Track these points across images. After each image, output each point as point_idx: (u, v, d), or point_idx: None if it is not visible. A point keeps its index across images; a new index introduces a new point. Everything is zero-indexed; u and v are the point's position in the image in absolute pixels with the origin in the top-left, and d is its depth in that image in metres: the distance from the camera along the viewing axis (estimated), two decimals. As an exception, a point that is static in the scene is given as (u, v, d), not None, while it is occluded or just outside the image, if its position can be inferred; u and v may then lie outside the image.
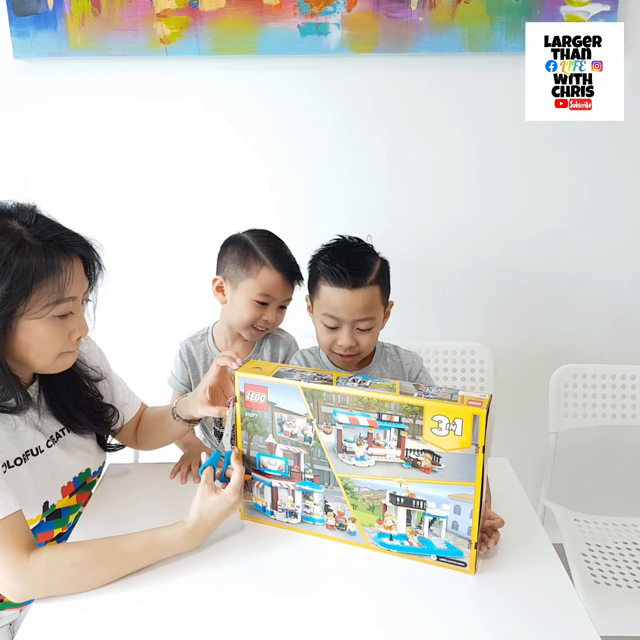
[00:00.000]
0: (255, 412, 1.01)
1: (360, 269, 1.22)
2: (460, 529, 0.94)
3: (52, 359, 0.99)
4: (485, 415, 0.86)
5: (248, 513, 1.08)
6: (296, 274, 1.36)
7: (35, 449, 1.04)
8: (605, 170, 1.79)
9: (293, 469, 1.02)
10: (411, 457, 0.93)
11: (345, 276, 1.21)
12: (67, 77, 1.73)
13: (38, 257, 0.91)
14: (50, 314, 0.94)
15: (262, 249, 1.34)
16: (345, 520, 1.01)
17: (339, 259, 1.23)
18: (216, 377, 1.10)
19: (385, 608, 0.89)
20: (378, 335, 1.32)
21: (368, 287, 1.22)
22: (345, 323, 1.23)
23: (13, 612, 1.13)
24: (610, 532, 1.58)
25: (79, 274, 0.98)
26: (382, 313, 1.29)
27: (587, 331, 1.92)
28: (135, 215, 1.84)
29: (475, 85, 1.73)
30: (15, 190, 1.77)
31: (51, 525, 1.09)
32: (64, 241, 0.95)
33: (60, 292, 0.94)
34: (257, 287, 1.32)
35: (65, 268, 0.94)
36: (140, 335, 1.90)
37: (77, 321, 0.99)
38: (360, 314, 1.22)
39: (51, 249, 0.93)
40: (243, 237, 1.37)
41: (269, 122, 1.77)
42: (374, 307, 1.24)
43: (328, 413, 0.96)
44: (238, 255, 1.35)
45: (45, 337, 0.95)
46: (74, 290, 0.96)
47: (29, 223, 0.94)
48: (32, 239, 0.92)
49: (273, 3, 1.64)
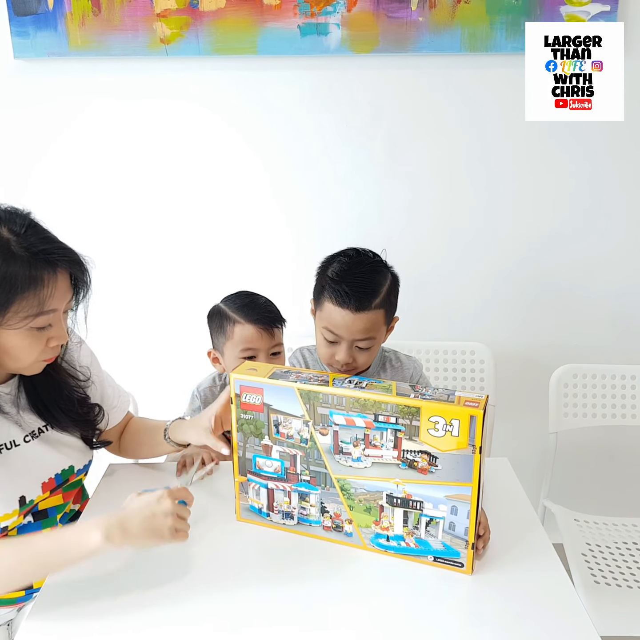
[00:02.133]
0: (251, 414, 1.01)
1: (366, 291, 1.20)
2: (457, 530, 0.94)
3: (27, 365, 0.99)
4: (482, 416, 0.86)
5: (244, 515, 1.08)
6: (271, 319, 1.34)
7: (10, 443, 1.04)
8: (605, 171, 1.79)
9: (289, 470, 1.02)
10: (408, 458, 0.93)
11: (350, 299, 1.18)
12: (67, 77, 1.73)
13: (22, 269, 0.89)
14: (28, 326, 0.93)
15: (231, 308, 1.36)
16: (342, 521, 1.01)
17: (346, 279, 1.20)
18: (223, 406, 1.10)
19: (382, 609, 0.89)
20: (377, 352, 1.30)
21: (372, 311, 1.20)
22: (344, 340, 1.22)
23: (9, 610, 1.12)
24: (610, 532, 1.58)
25: (63, 287, 0.95)
26: (384, 332, 1.27)
27: (587, 331, 1.92)
28: (135, 214, 1.84)
29: (475, 85, 1.73)
30: (13, 191, 1.78)
31: (39, 525, 1.09)
32: (51, 255, 0.92)
33: (41, 306, 0.92)
34: (237, 345, 1.33)
35: (48, 283, 0.92)
36: (140, 339, 1.91)
37: (56, 330, 0.98)
38: (360, 334, 1.21)
39: (36, 262, 0.91)
40: (217, 306, 1.40)
41: (269, 122, 1.77)
42: (375, 329, 1.22)
43: (324, 414, 0.96)
44: (216, 325, 1.38)
45: (22, 346, 0.95)
46: (55, 303, 0.94)
47: (18, 232, 0.91)
48: (19, 250, 0.90)
49: (273, 3, 1.64)
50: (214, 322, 1.39)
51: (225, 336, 1.35)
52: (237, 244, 1.86)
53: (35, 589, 1.12)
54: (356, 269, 1.23)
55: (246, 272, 1.87)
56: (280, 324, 1.37)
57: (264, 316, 1.33)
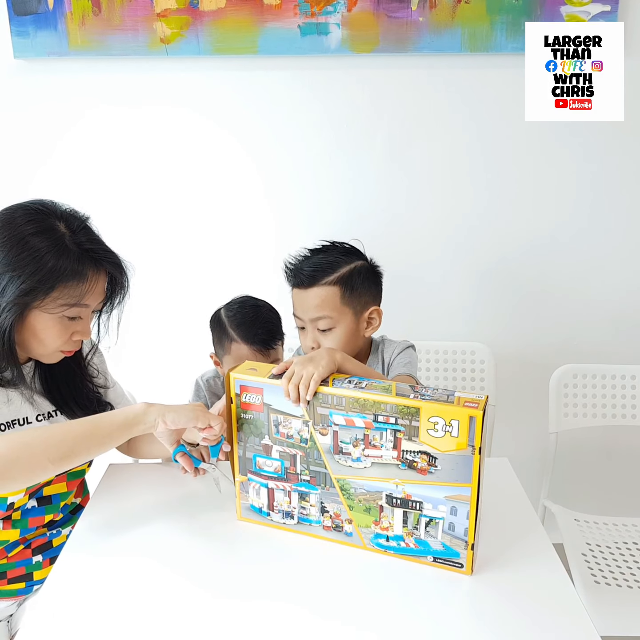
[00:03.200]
0: (251, 414, 1.01)
1: (317, 269, 1.27)
2: (456, 530, 0.94)
3: (50, 352, 1.06)
4: (481, 416, 0.86)
5: (244, 514, 1.08)
6: (268, 341, 1.34)
7: (23, 420, 1.09)
8: (605, 171, 1.79)
9: (289, 470, 1.02)
10: (407, 458, 0.93)
11: (299, 276, 1.27)
12: (67, 77, 1.73)
13: (71, 262, 0.99)
14: (62, 313, 1.02)
15: (231, 324, 1.35)
16: (342, 521, 1.01)
17: (303, 262, 1.30)
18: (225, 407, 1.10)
19: (381, 610, 0.89)
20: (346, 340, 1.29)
21: (322, 287, 1.26)
22: (306, 323, 1.29)
23: (10, 604, 1.13)
24: (610, 532, 1.58)
25: (101, 286, 1.06)
26: (349, 315, 1.28)
27: (587, 331, 1.92)
28: (138, 210, 1.84)
29: (476, 85, 1.73)
30: (13, 191, 1.77)
31: (42, 510, 1.13)
32: (98, 255, 1.03)
33: (79, 298, 1.02)
34: (234, 361, 1.33)
35: (90, 278, 1.02)
36: (138, 339, 1.90)
37: (82, 325, 1.06)
38: (313, 312, 1.26)
39: (84, 258, 1.01)
40: (218, 315, 1.39)
41: (269, 122, 1.77)
42: (328, 307, 1.26)
43: (324, 414, 0.96)
44: (216, 335, 1.39)
45: (51, 331, 1.02)
46: (91, 299, 1.04)
47: (73, 229, 1.02)
48: (71, 245, 1.01)
49: (273, 3, 1.64)
50: (215, 331, 1.40)
51: (224, 350, 1.36)
52: (239, 239, 1.86)
53: (35, 581, 1.13)
54: (314, 254, 1.32)
55: (247, 268, 1.87)
56: (278, 342, 1.36)
57: (260, 339, 1.33)
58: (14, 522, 1.09)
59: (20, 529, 1.10)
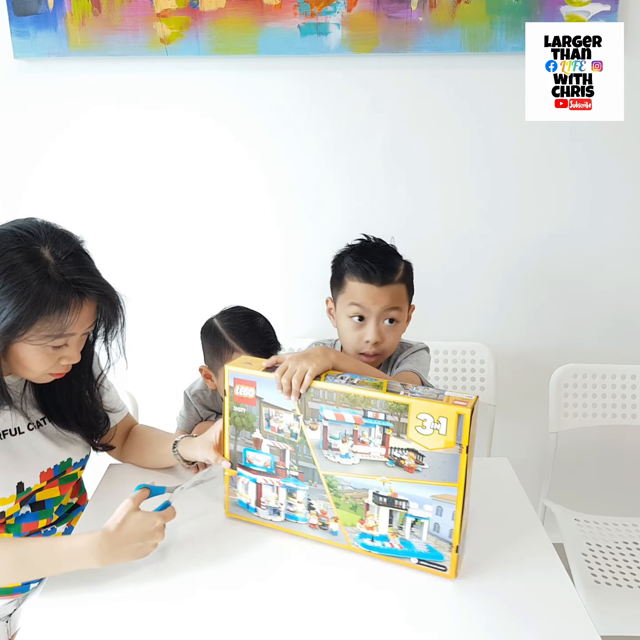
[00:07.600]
0: (243, 407, 1.01)
1: (387, 266, 1.26)
2: (441, 531, 0.93)
3: (36, 376, 1.03)
4: (469, 414, 0.86)
5: (232, 510, 1.08)
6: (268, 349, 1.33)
7: (15, 430, 1.07)
8: (606, 171, 1.79)
9: (278, 465, 1.02)
10: (395, 455, 0.93)
11: (375, 272, 1.24)
12: (67, 77, 1.73)
13: (53, 292, 0.94)
14: (46, 344, 0.98)
15: (230, 334, 1.32)
16: (328, 519, 1.01)
17: (367, 256, 1.26)
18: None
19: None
20: (401, 335, 1.33)
21: (395, 285, 1.26)
22: (371, 315, 1.25)
23: (7, 602, 1.13)
24: (611, 532, 1.58)
25: (86, 315, 1.00)
26: (407, 312, 1.31)
27: (587, 331, 1.92)
28: (135, 211, 1.84)
29: (476, 85, 1.73)
30: (13, 192, 1.78)
31: (36, 516, 1.12)
32: (82, 287, 0.97)
33: (62, 329, 0.97)
34: None
35: (73, 310, 0.97)
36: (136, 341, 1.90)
37: (70, 351, 1.02)
38: (387, 304, 1.25)
39: (67, 289, 0.95)
40: (213, 325, 1.36)
41: (269, 122, 1.77)
42: (400, 300, 1.27)
43: (315, 409, 0.96)
44: (211, 345, 1.35)
45: (35, 360, 0.99)
46: (76, 327, 0.99)
47: (59, 257, 0.96)
48: (55, 274, 0.95)
49: (273, 3, 1.64)
50: (209, 342, 1.36)
51: (222, 360, 1.31)
52: (237, 242, 1.86)
53: (32, 580, 1.13)
54: (374, 249, 1.30)
55: (245, 273, 1.87)
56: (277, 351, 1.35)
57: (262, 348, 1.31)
58: (7, 526, 1.09)
59: (14, 534, 1.10)
